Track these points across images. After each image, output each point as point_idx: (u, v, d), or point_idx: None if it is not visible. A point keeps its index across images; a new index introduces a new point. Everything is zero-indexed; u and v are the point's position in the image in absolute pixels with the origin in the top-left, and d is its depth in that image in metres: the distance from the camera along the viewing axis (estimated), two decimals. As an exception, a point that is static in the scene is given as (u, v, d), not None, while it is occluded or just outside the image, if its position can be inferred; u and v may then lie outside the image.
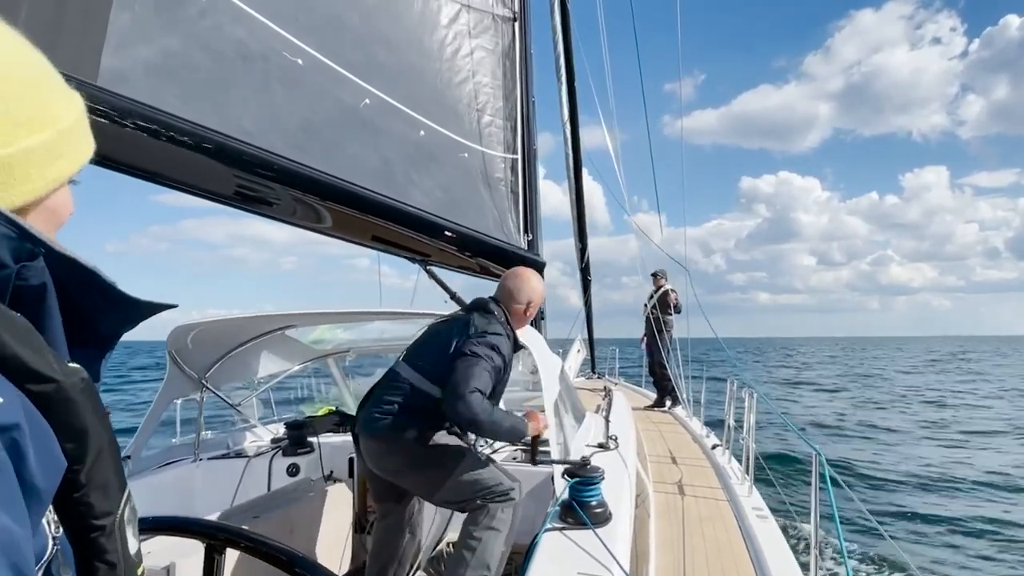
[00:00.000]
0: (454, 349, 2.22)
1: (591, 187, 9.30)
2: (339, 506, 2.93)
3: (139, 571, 0.66)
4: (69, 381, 0.55)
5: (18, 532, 0.45)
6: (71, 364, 0.58)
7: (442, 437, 2.18)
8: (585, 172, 9.11)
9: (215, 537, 1.24)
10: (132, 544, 0.64)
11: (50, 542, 0.55)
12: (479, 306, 2.42)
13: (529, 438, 2.44)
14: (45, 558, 0.54)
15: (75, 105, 0.65)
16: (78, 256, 0.60)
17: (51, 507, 0.56)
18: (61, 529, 0.58)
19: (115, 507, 0.61)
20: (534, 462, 2.60)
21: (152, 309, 0.68)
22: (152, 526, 1.32)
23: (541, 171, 4.65)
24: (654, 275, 8.53)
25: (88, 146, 0.66)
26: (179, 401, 3.41)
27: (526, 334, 2.89)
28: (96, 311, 0.64)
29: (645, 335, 8.51)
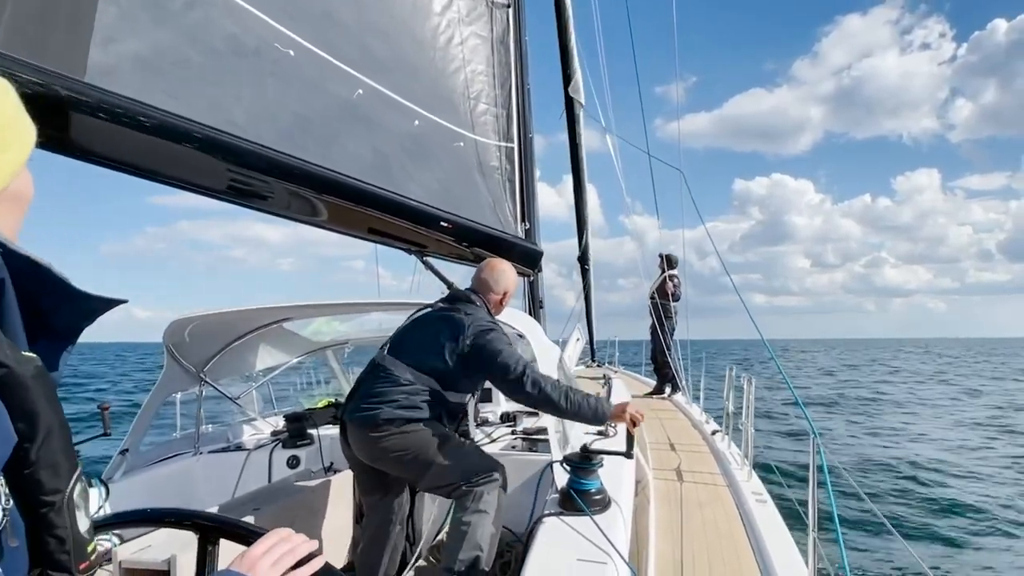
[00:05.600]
0: (458, 346, 2.25)
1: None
2: (340, 497, 2.94)
3: (89, 548, 0.71)
4: (21, 368, 0.61)
5: None
6: (26, 353, 0.63)
7: (427, 424, 2.21)
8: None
9: (181, 524, 1.23)
10: (83, 523, 0.69)
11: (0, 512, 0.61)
12: (462, 298, 2.45)
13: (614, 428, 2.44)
14: None
15: (9, 94, 0.65)
16: (31, 253, 0.64)
17: (3, 481, 0.61)
18: (11, 501, 0.63)
19: (64, 485, 0.67)
20: (629, 455, 2.40)
21: (105, 304, 0.72)
22: (140, 518, 1.32)
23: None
24: (661, 258, 8.18)
25: (31, 129, 0.68)
26: (179, 395, 3.41)
27: (524, 322, 2.89)
28: (51, 305, 0.68)
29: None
